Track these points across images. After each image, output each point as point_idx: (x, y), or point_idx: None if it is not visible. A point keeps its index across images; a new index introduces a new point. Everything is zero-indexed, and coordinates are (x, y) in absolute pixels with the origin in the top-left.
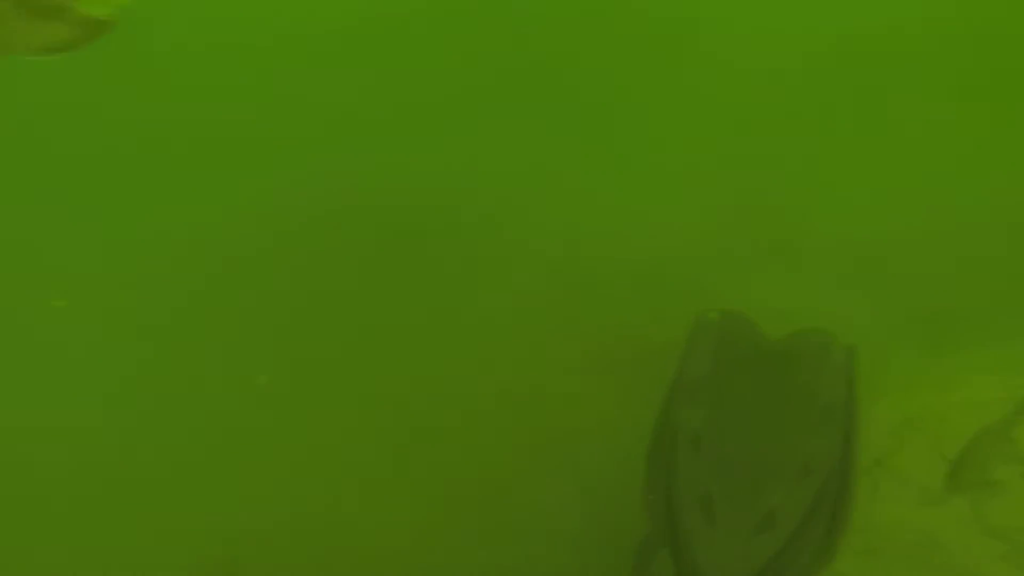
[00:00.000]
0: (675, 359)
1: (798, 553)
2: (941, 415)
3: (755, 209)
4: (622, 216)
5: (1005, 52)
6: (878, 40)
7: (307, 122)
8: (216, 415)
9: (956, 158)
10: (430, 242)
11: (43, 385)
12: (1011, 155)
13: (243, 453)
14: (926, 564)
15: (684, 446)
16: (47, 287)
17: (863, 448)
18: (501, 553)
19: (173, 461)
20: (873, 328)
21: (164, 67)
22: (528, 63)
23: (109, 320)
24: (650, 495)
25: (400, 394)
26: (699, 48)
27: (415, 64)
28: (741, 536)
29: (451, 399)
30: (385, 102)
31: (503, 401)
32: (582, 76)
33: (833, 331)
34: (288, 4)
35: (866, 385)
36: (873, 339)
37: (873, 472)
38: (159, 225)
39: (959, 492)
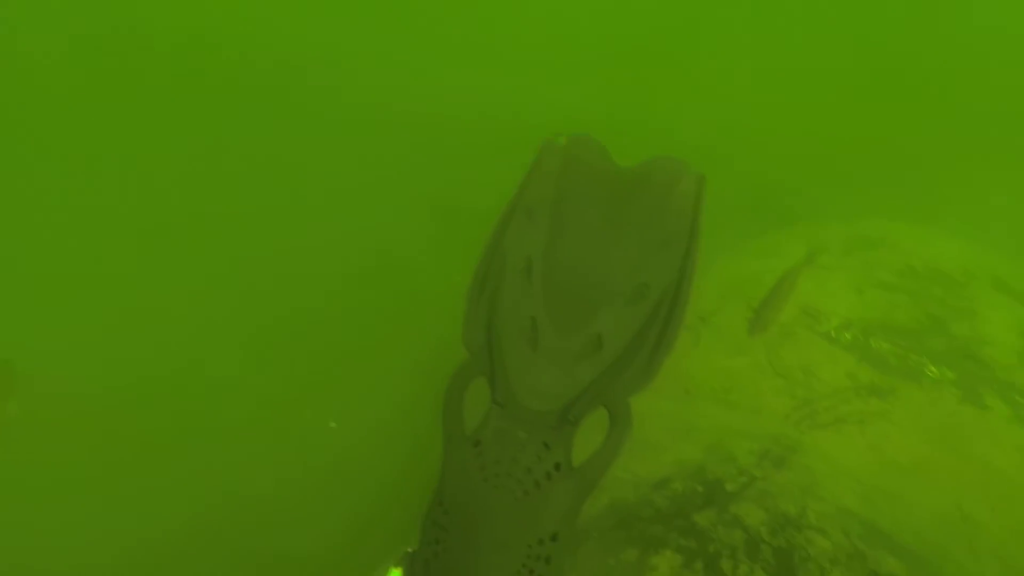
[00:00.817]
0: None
1: (620, 374)
2: (758, 279)
3: None
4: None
5: None
6: None
7: None
8: None
9: None
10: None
11: None
12: None
13: None
14: (725, 401)
15: (513, 273)
16: None
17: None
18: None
19: None
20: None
21: None
22: None
23: None
24: (470, 326)
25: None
26: None
27: None
28: (564, 360)
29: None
30: None
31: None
32: None
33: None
34: None
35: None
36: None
37: (697, 328)
38: None
39: (757, 335)
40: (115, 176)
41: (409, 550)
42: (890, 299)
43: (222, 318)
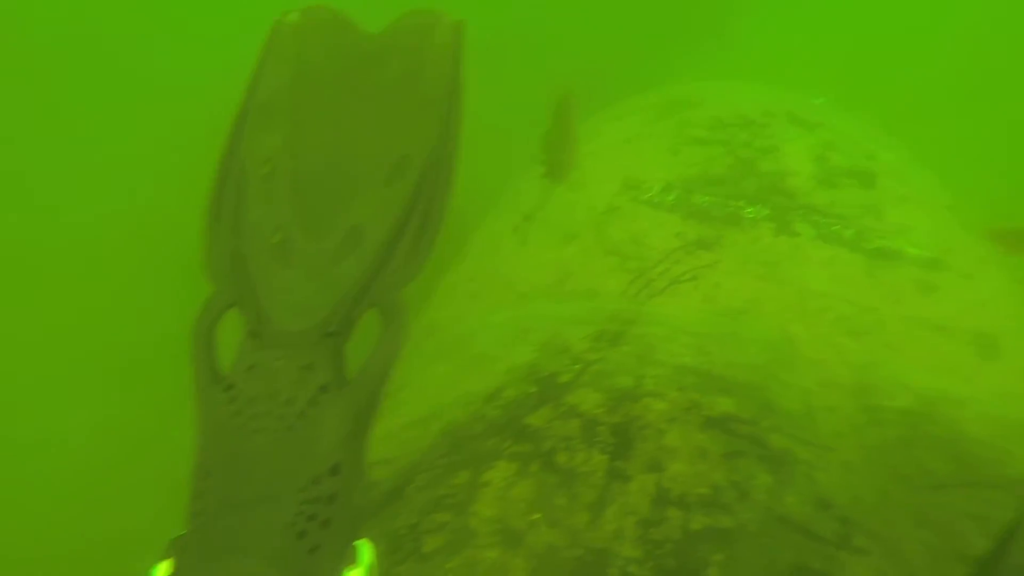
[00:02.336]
0: None
1: (385, 267)
2: (578, 165)
3: None
4: None
5: None
6: None
7: None
8: None
9: None
10: None
11: None
12: None
13: None
14: (560, 294)
15: (255, 182)
16: None
17: (508, 210)
18: None
19: None
20: None
21: None
22: None
23: None
24: (212, 253)
25: None
26: None
27: None
28: (320, 267)
29: None
30: None
31: None
32: None
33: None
34: None
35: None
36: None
37: (522, 227)
38: None
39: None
40: None
41: (178, 535)
42: (705, 153)
43: None
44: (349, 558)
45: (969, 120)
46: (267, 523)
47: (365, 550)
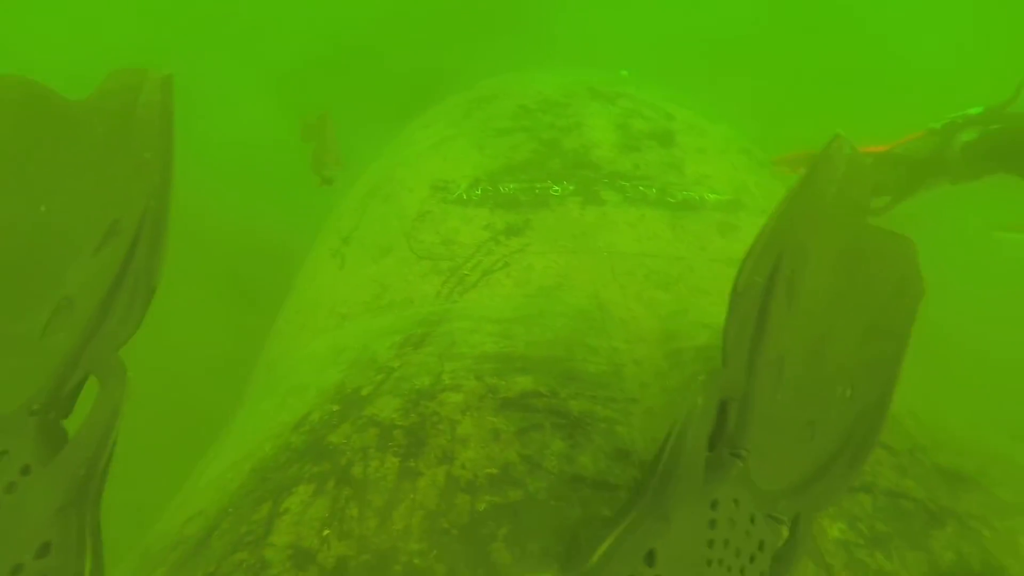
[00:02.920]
0: None
1: (98, 331)
2: (389, 176)
3: None
4: None
5: None
6: None
7: None
8: None
9: None
10: None
11: None
12: None
13: None
14: (377, 307)
15: None
16: None
17: (329, 235)
18: None
19: None
20: None
21: None
22: None
23: None
24: None
25: None
26: None
27: None
28: (26, 346)
29: None
30: None
31: None
32: None
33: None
34: None
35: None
36: None
37: (339, 250)
38: None
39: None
40: None
41: None
42: (509, 142)
43: None
44: None
45: (754, 75)
46: None
47: None
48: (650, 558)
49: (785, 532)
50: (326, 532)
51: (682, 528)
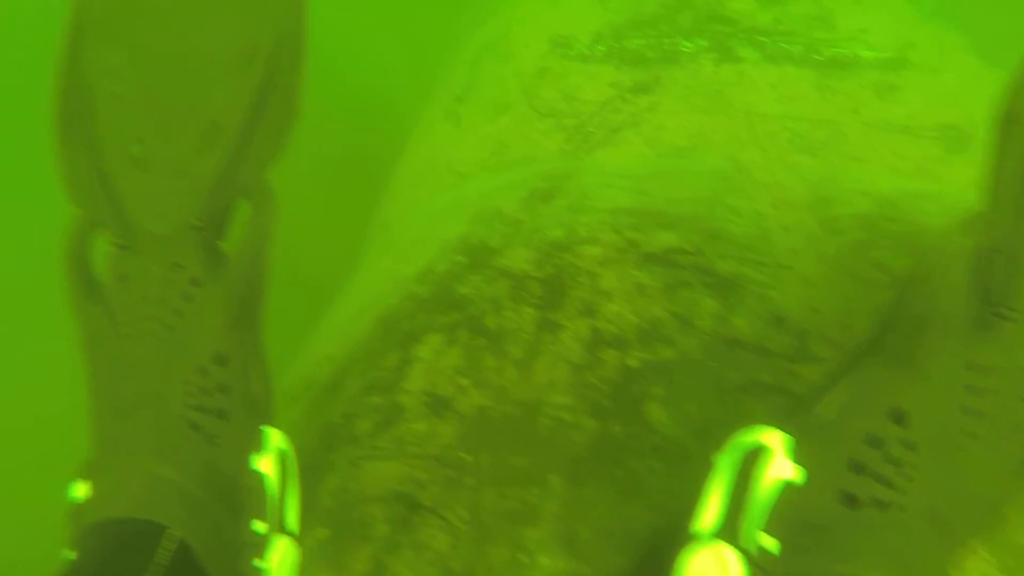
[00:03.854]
0: None
1: (245, 153)
2: (507, 36)
3: None
4: None
5: None
6: None
7: None
8: None
9: None
10: None
11: None
12: None
13: None
14: (497, 165)
15: (103, 97)
16: None
17: (442, 94)
18: None
19: None
20: None
21: None
22: None
23: None
24: (71, 174)
25: None
26: None
27: None
28: (180, 166)
29: None
30: None
31: None
32: None
33: None
34: None
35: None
36: None
37: (454, 109)
38: None
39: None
40: None
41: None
42: None
43: None
44: (255, 445)
45: None
46: (156, 421)
47: (273, 437)
48: (898, 416)
49: None
50: (463, 381)
51: (938, 386)
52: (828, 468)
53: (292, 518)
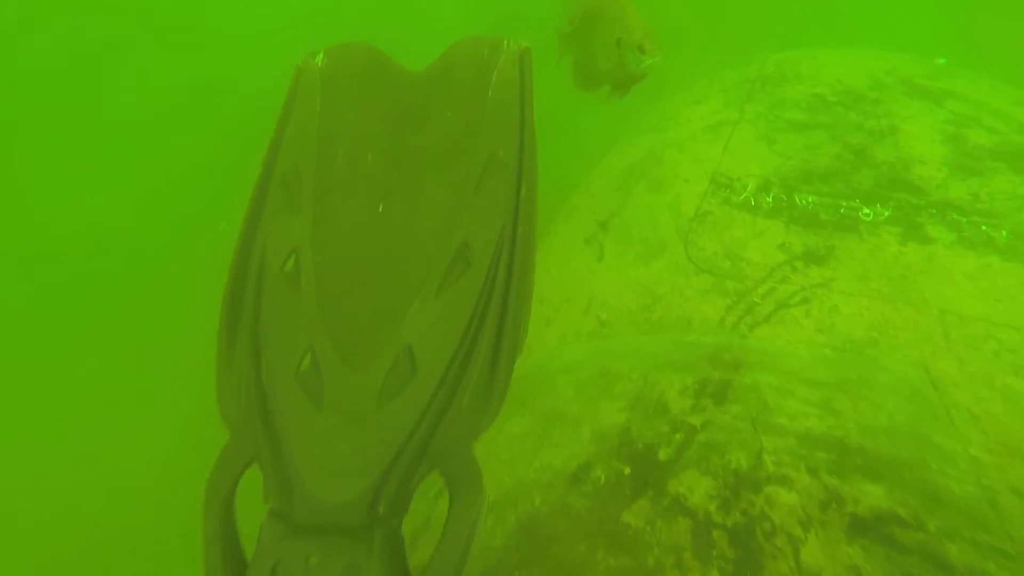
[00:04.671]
0: None
1: (448, 407)
2: (658, 156)
3: None
4: None
5: None
6: None
7: None
8: None
9: None
10: None
11: None
12: None
13: None
14: (648, 322)
15: (274, 283)
16: None
17: (580, 214)
18: None
19: None
20: None
21: None
22: None
23: None
24: (224, 386)
25: None
26: None
27: None
28: (362, 408)
29: None
30: None
31: None
32: None
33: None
34: None
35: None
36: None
37: (597, 237)
38: None
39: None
40: None
41: None
42: (805, 140)
43: None
44: None
45: None
46: None
47: None
48: None
49: None
50: None
51: None
52: None
53: None
